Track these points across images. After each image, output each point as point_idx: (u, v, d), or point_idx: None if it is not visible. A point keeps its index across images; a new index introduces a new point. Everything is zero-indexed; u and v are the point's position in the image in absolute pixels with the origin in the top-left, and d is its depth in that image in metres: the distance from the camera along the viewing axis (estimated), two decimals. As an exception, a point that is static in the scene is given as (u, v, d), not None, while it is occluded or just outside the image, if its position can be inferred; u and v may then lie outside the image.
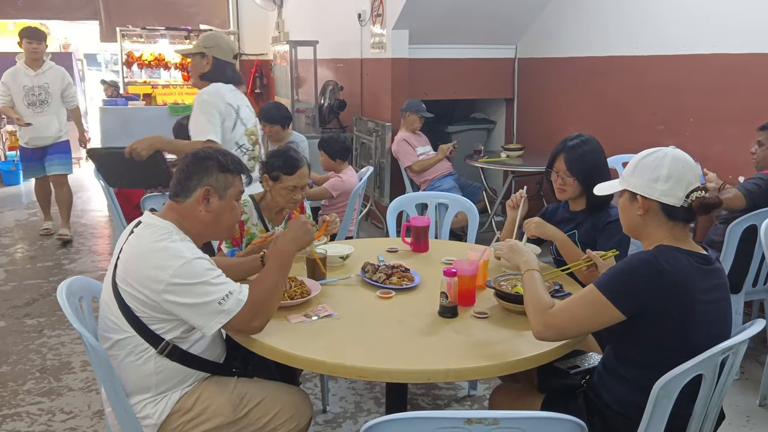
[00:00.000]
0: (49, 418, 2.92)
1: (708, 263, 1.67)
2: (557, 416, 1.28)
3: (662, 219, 1.69)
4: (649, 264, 1.61)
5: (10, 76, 5.41)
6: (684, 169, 1.67)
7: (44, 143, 5.57)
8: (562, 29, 5.43)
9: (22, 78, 5.40)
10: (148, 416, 1.85)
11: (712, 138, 4.17)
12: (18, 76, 5.40)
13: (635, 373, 1.69)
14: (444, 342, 1.83)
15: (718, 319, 1.67)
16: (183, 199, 1.90)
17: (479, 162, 5.15)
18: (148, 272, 1.75)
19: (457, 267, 2.00)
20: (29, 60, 5.40)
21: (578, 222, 2.50)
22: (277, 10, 9.09)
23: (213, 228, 1.95)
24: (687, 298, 1.60)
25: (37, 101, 5.43)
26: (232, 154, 2.00)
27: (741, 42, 3.92)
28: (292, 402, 1.96)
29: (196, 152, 1.95)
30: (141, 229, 1.86)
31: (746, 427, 2.84)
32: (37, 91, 5.41)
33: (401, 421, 1.27)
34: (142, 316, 1.79)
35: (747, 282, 3.15)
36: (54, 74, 5.55)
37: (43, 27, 11.18)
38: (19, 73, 5.40)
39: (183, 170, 1.91)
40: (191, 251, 1.80)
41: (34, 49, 5.33)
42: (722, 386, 1.66)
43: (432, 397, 3.10)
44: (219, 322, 1.75)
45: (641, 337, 1.66)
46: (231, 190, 1.93)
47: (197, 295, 1.73)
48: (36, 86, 5.41)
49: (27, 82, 5.40)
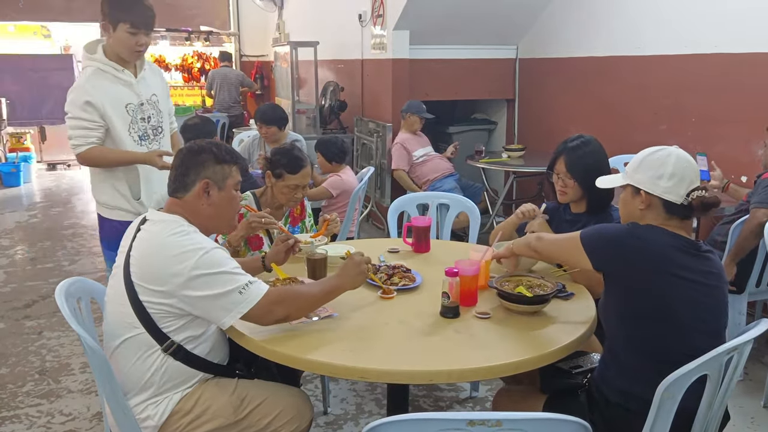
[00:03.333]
0: (48, 420, 2.91)
1: (696, 249, 1.74)
2: (561, 417, 1.26)
3: (661, 213, 1.77)
4: (629, 229, 1.77)
5: (97, 91, 2.72)
6: (687, 168, 1.75)
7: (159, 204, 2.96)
8: (563, 29, 5.42)
9: (120, 90, 2.78)
10: (149, 417, 1.84)
11: (713, 138, 4.15)
12: (108, 87, 2.75)
13: (630, 361, 1.73)
14: (446, 342, 1.81)
15: (707, 303, 1.71)
16: (183, 194, 1.90)
17: (480, 162, 5.14)
18: (168, 265, 1.75)
19: (459, 267, 1.99)
20: (127, 54, 2.74)
21: (581, 224, 2.47)
22: (278, 11, 9.09)
23: (216, 220, 1.96)
24: (657, 268, 1.68)
25: (150, 130, 2.89)
26: (225, 144, 2.01)
27: (743, 41, 3.91)
28: (292, 403, 1.95)
29: (190, 147, 1.95)
30: (151, 225, 1.87)
31: (750, 429, 2.82)
32: (147, 111, 2.86)
33: (403, 422, 1.25)
34: (154, 312, 1.79)
35: (750, 282, 3.13)
36: (154, 76, 2.99)
37: (43, 29, 11.23)
38: (106, 79, 2.75)
39: (179, 166, 1.91)
40: (207, 241, 1.82)
41: (139, 45, 2.71)
42: (727, 386, 1.64)
43: (434, 398, 3.09)
44: (239, 311, 1.75)
45: (622, 308, 1.75)
46: (229, 181, 1.93)
47: (219, 284, 1.74)
48: (145, 102, 2.85)
49: (129, 96, 2.80)
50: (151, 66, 2.95)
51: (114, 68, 2.72)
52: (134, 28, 2.62)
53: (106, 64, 2.71)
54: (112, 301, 1.89)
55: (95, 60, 2.72)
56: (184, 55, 10.10)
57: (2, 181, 8.39)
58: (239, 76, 8.82)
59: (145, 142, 2.85)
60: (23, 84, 9.37)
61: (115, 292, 1.86)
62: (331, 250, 2.44)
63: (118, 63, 2.73)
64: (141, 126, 2.83)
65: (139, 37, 2.65)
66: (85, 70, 2.77)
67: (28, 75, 9.42)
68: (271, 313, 1.79)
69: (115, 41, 2.68)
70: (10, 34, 10.82)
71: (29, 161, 8.78)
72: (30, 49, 10.62)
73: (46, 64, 9.56)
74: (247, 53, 10.19)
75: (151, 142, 2.87)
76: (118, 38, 2.66)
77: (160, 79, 3.00)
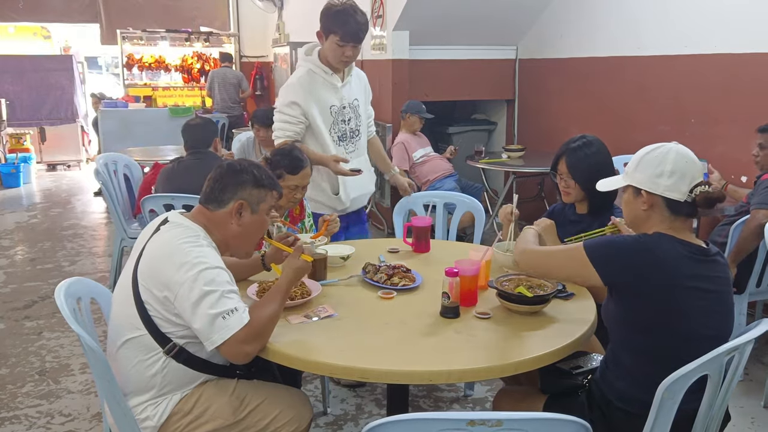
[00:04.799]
0: (48, 420, 2.90)
1: (705, 255, 1.69)
2: (561, 417, 1.26)
3: (665, 213, 1.72)
4: (639, 241, 1.71)
5: (305, 91, 2.92)
6: (687, 164, 1.70)
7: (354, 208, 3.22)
8: (562, 30, 5.42)
9: (326, 93, 2.96)
10: (148, 418, 1.84)
11: (714, 138, 4.15)
12: (316, 88, 2.94)
13: (633, 362, 1.71)
14: (446, 343, 1.81)
15: (714, 310, 1.68)
16: (215, 207, 1.90)
17: (480, 163, 5.14)
18: (169, 272, 1.75)
19: (459, 267, 1.98)
20: (336, 63, 2.92)
21: (586, 224, 2.46)
22: (278, 12, 9.09)
23: (240, 240, 1.95)
24: (671, 282, 1.63)
25: (349, 132, 3.04)
26: (266, 169, 2.01)
27: (743, 42, 3.91)
28: (292, 404, 1.95)
29: (231, 164, 1.95)
30: (169, 228, 1.87)
31: (751, 429, 2.82)
32: (348, 114, 3.02)
33: (403, 422, 1.25)
34: (154, 315, 1.79)
35: (751, 282, 3.13)
36: (359, 82, 3.15)
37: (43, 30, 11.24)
38: (316, 81, 2.95)
39: (218, 180, 1.91)
40: (215, 260, 1.80)
41: (347, 56, 2.86)
42: (728, 386, 1.64)
43: (434, 399, 3.08)
44: (221, 337, 1.72)
45: (632, 320, 1.70)
46: (263, 205, 1.94)
47: (208, 304, 1.72)
48: (347, 105, 3.02)
49: (333, 99, 2.97)
50: (357, 73, 3.15)
51: (324, 71, 2.96)
52: (343, 41, 2.83)
53: (318, 66, 2.96)
54: (118, 300, 1.89)
55: (309, 61, 2.98)
56: (184, 56, 10.10)
57: (2, 182, 8.39)
58: (238, 77, 8.82)
59: (343, 143, 3.07)
60: (23, 85, 9.39)
61: (123, 291, 1.86)
62: (331, 250, 2.44)
63: (329, 67, 2.96)
64: (341, 127, 3.05)
65: (346, 48, 2.86)
66: (299, 69, 3.02)
67: (28, 76, 9.42)
68: (243, 347, 1.73)
69: (326, 49, 2.92)
70: (10, 35, 10.84)
71: (29, 162, 8.77)
72: (30, 49, 10.65)
73: (45, 65, 9.57)
74: (247, 54, 10.19)
75: (348, 144, 3.08)
76: (328, 47, 2.89)
77: (363, 85, 3.20)
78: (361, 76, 3.19)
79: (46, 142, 9.65)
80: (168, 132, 7.63)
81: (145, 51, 9.85)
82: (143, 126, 8.07)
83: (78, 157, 9.94)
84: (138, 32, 9.51)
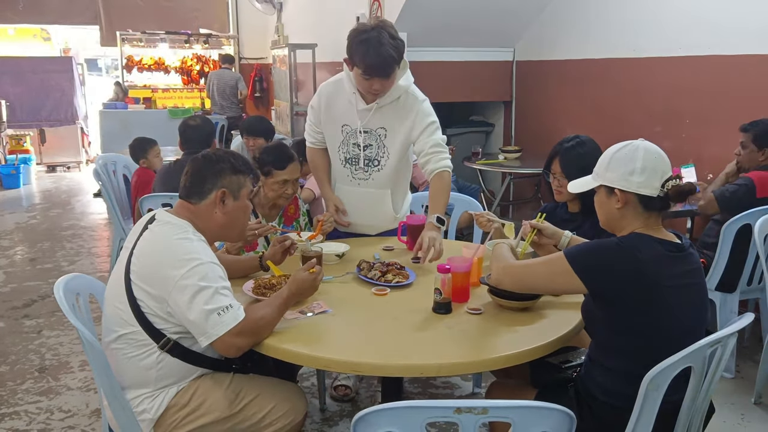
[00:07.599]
0: (48, 416, 2.94)
1: (680, 250, 1.72)
2: (546, 405, 1.29)
3: (639, 210, 1.75)
4: (620, 246, 1.70)
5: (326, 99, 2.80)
6: (656, 159, 1.73)
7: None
8: (559, 32, 5.46)
9: (345, 110, 2.75)
10: (145, 411, 1.87)
11: (708, 139, 4.19)
12: (337, 101, 2.77)
13: (616, 361, 1.73)
14: (437, 337, 1.84)
15: (690, 302, 1.71)
16: (197, 200, 1.93)
17: (477, 164, 5.17)
18: (163, 269, 1.78)
19: (451, 264, 2.02)
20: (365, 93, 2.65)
21: (578, 223, 2.50)
22: (277, 14, 9.12)
23: (228, 229, 1.99)
24: (654, 285, 1.65)
25: (363, 159, 2.77)
26: (240, 155, 2.04)
27: (737, 44, 3.95)
28: (287, 398, 1.98)
29: (207, 155, 1.98)
30: (157, 226, 1.89)
31: (741, 425, 2.85)
32: (365, 140, 2.74)
33: (392, 410, 1.29)
34: (147, 312, 1.82)
35: (742, 281, 3.17)
36: (401, 111, 2.73)
37: (43, 32, 11.28)
38: (341, 94, 2.76)
39: (196, 172, 1.94)
40: (207, 254, 1.84)
41: (374, 90, 2.58)
42: (711, 379, 1.67)
43: (428, 395, 3.12)
44: (215, 332, 1.76)
45: (615, 323, 1.71)
46: (243, 191, 1.97)
47: (202, 300, 1.75)
48: (369, 131, 2.73)
49: (350, 118, 2.74)
50: (407, 102, 2.69)
51: (351, 89, 2.67)
52: (366, 74, 2.51)
53: (349, 80, 2.67)
54: (110, 297, 1.92)
55: (346, 71, 2.68)
56: (184, 58, 10.14)
57: (2, 183, 8.42)
58: (235, 78, 8.84)
59: (351, 167, 2.78)
60: (23, 86, 9.42)
61: (115, 288, 1.89)
62: (326, 247, 2.47)
63: (358, 89, 2.65)
64: (352, 150, 2.76)
65: (373, 82, 2.52)
66: (338, 74, 2.78)
67: (28, 77, 9.46)
68: (235, 340, 1.78)
69: (354, 77, 2.61)
70: (9, 36, 10.88)
71: (29, 163, 8.81)
72: (30, 51, 10.69)
73: (45, 67, 9.60)
74: (246, 56, 10.23)
75: (357, 169, 2.78)
76: (355, 77, 2.59)
77: (408, 116, 2.70)
78: (409, 106, 2.68)
79: (45, 144, 9.68)
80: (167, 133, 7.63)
81: (145, 53, 9.89)
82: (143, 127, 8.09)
83: (78, 158, 9.98)
84: (138, 34, 9.55)
